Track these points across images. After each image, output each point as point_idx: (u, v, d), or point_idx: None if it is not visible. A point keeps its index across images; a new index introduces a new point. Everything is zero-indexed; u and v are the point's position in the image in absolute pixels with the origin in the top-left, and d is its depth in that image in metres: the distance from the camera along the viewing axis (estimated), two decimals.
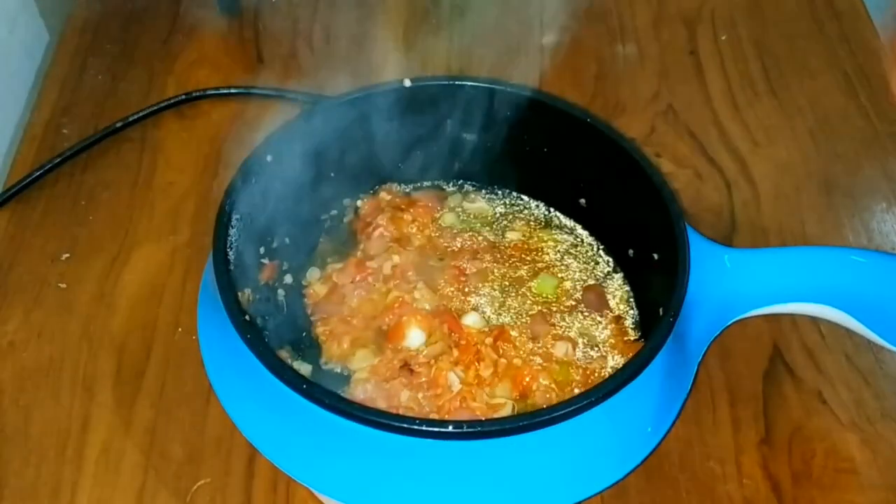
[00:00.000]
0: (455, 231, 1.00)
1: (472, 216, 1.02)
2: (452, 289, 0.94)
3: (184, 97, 1.25)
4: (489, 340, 0.89)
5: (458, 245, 0.99)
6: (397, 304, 0.92)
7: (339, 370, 0.91)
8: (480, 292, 0.95)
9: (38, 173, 1.15)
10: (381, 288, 0.94)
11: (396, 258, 0.95)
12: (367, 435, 0.70)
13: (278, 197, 0.92)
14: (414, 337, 0.90)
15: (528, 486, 0.73)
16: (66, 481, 0.91)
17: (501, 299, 0.94)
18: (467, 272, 0.96)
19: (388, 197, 1.01)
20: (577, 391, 0.86)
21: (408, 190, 1.03)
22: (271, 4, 1.40)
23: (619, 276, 0.97)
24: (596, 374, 0.88)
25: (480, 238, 0.99)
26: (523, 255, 0.98)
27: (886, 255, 1.03)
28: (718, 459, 0.92)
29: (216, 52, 1.34)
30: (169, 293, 1.05)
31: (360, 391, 0.87)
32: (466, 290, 0.95)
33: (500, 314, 0.93)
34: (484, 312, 0.93)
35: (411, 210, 0.99)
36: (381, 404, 0.85)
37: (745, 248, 0.93)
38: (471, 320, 0.91)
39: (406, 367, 0.87)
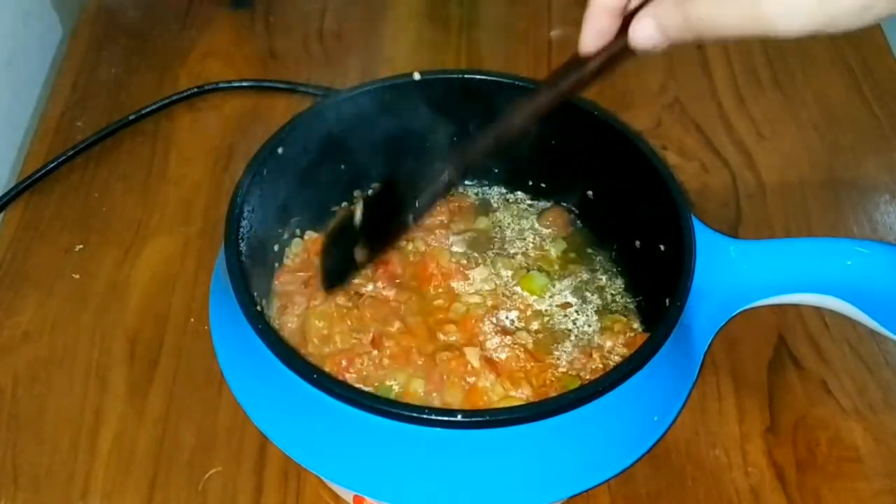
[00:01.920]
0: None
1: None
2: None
3: (196, 90, 1.26)
4: None
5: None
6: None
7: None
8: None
9: (51, 165, 1.16)
10: None
11: None
12: (376, 424, 0.71)
13: (289, 188, 0.92)
14: None
15: (536, 474, 0.73)
16: (79, 470, 0.92)
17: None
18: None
19: None
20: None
21: None
22: None
23: (625, 267, 0.98)
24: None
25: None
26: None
27: (890, 246, 1.03)
28: (724, 448, 0.93)
29: (228, 46, 1.34)
30: (181, 284, 1.06)
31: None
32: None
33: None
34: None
35: None
36: None
37: (750, 239, 0.93)
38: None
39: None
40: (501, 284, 0.95)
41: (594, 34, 0.69)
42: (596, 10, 0.68)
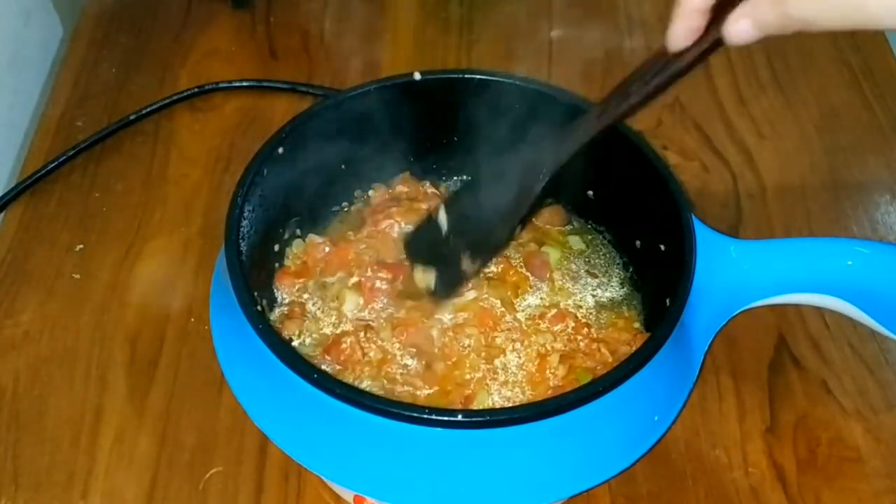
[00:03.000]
0: None
1: None
2: None
3: (196, 90, 1.26)
4: None
5: None
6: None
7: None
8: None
9: (52, 165, 1.16)
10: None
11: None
12: (377, 424, 0.71)
13: (290, 188, 0.92)
14: None
15: (537, 474, 0.73)
16: (79, 469, 0.92)
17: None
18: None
19: (406, 189, 1.02)
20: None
21: (425, 183, 1.03)
22: None
23: (625, 267, 0.98)
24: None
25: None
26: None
27: (890, 245, 1.03)
28: (724, 448, 0.93)
29: (228, 46, 1.34)
30: (181, 284, 1.06)
31: None
32: None
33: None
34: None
35: (431, 203, 0.99)
36: None
37: (750, 239, 0.94)
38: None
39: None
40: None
41: (684, 32, 0.68)
42: (686, 8, 0.67)
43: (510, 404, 0.85)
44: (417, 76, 0.95)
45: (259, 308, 0.79)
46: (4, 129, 1.21)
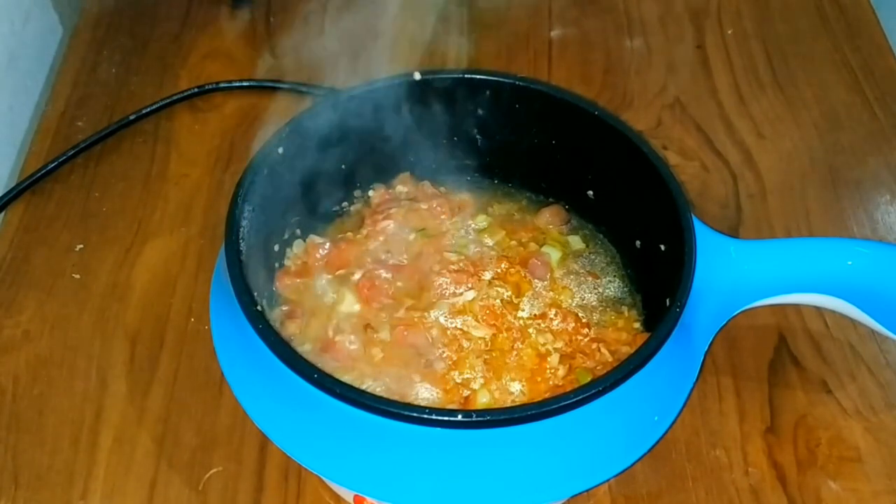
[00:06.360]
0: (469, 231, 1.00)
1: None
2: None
3: (196, 90, 1.26)
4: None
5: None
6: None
7: None
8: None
9: (52, 165, 1.16)
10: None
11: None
12: (377, 424, 0.71)
13: (290, 188, 0.92)
14: None
15: (536, 474, 0.73)
16: (79, 470, 0.91)
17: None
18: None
19: (406, 189, 1.02)
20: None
21: (425, 183, 1.03)
22: None
23: (625, 267, 0.98)
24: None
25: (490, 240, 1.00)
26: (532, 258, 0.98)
27: (890, 245, 1.03)
28: (724, 448, 0.93)
29: (229, 46, 1.34)
30: (181, 284, 1.06)
31: None
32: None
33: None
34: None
35: (431, 203, 0.99)
36: None
37: (750, 239, 0.93)
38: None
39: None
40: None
41: None
42: None
43: (510, 404, 0.85)
44: (417, 76, 0.96)
45: (259, 308, 0.79)
46: (4, 129, 1.21)
